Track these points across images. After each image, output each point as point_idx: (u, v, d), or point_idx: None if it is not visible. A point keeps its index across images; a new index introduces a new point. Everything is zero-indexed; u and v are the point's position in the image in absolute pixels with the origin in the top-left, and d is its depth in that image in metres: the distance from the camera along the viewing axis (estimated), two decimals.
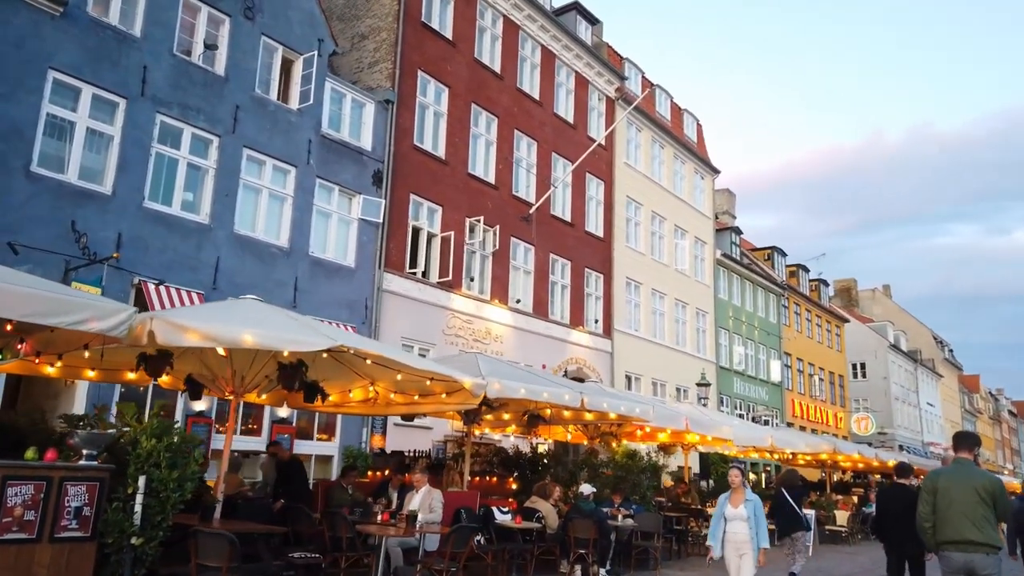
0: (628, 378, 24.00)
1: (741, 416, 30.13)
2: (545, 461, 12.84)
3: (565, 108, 23.01)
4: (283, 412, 13.43)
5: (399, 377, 8.78)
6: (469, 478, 10.70)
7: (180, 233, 12.53)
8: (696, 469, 25.93)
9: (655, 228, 26.91)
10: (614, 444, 15.55)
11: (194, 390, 8.36)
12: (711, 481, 24.78)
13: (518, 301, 19.59)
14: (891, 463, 23.02)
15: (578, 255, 22.54)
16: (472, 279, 18.21)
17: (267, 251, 13.86)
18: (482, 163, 19.48)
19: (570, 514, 9.46)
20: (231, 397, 8.02)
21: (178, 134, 12.73)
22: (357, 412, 10.47)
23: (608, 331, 23.40)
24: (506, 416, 12.61)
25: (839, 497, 21.11)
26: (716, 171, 31.43)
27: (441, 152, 18.18)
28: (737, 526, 7.34)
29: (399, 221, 16.71)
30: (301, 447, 14.09)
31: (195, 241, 12.71)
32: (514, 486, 12.47)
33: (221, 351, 7.45)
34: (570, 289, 22.05)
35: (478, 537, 8.87)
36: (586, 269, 22.88)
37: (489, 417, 12.65)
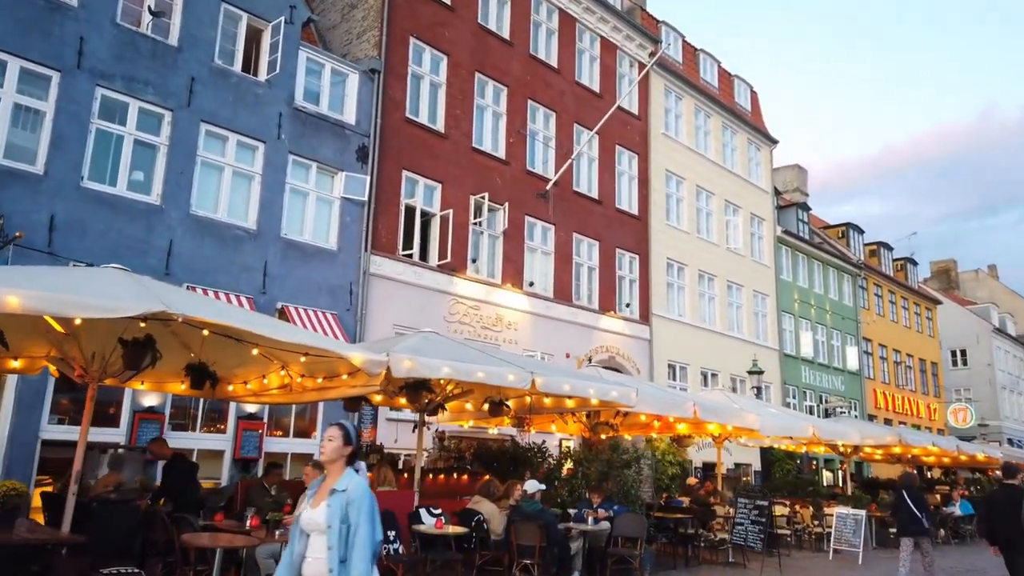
0: (671, 367, 21.96)
1: (812, 408, 27.42)
2: (530, 455, 11.22)
3: (589, 76, 21.24)
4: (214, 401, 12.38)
5: (303, 359, 7.50)
6: (420, 476, 9.24)
7: (127, 215, 11.65)
8: (757, 466, 23.64)
9: (701, 204, 24.67)
10: (627, 436, 13.80)
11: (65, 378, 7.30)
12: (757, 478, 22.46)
13: (531, 284, 17.97)
14: (981, 456, 20.12)
15: (608, 235, 20.71)
16: (474, 260, 16.72)
17: (230, 233, 12.86)
18: (490, 137, 18.00)
19: (511, 517, 7.86)
20: (86, 381, 6.87)
21: (123, 109, 11.87)
22: (278, 401, 9.23)
23: (645, 316, 21.44)
24: (468, 405, 11.16)
25: None
26: (774, 141, 28.76)
27: (440, 125, 16.82)
28: (313, 545, 3.66)
29: (390, 200, 15.45)
30: (274, 445, 13.03)
31: (144, 223, 11.81)
32: None
33: (57, 325, 6.35)
34: (598, 271, 20.25)
35: (393, 545, 7.42)
36: (618, 250, 21.01)
37: (453, 405, 11.27)
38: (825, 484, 25.34)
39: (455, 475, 10.50)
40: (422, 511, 7.90)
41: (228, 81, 13.21)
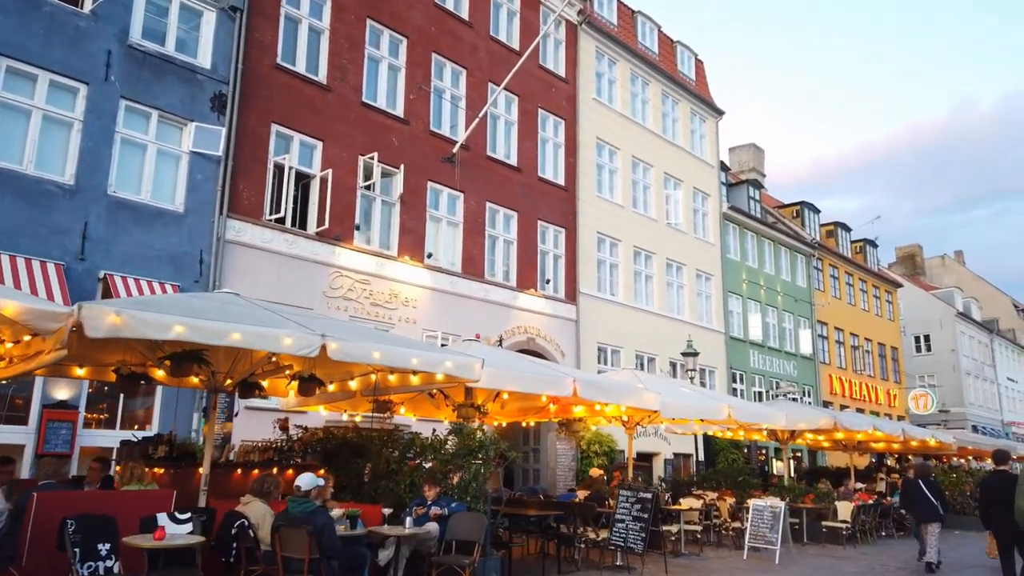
0: (602, 351, 20.23)
1: (761, 394, 25.88)
2: (374, 444, 9.33)
3: (507, 32, 19.41)
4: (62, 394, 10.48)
5: None
6: (208, 471, 7.36)
7: None
8: (701, 456, 22.01)
9: (637, 176, 22.96)
10: (529, 422, 12.04)
11: None
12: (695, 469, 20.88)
13: (430, 256, 16.11)
14: (932, 441, 18.63)
15: (529, 205, 18.92)
16: (357, 227, 14.82)
17: (38, 188, 10.85)
18: (385, 92, 16.11)
19: (275, 522, 6.02)
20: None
21: None
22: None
23: (572, 295, 19.69)
24: (331, 387, 9.33)
25: (861, 486, 16.84)
26: (720, 112, 27.12)
27: (322, 76, 14.91)
28: None
29: (255, 157, 13.52)
30: (98, 438, 11.07)
31: None
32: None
33: None
34: (517, 245, 18.46)
35: (106, 563, 5.56)
36: (540, 222, 19.22)
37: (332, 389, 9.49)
38: (775, 474, 23.82)
39: (275, 469, 8.64)
40: (162, 516, 6.04)
41: (38, 10, 11.19)
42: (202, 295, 8.55)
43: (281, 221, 13.76)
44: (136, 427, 11.72)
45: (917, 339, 45.90)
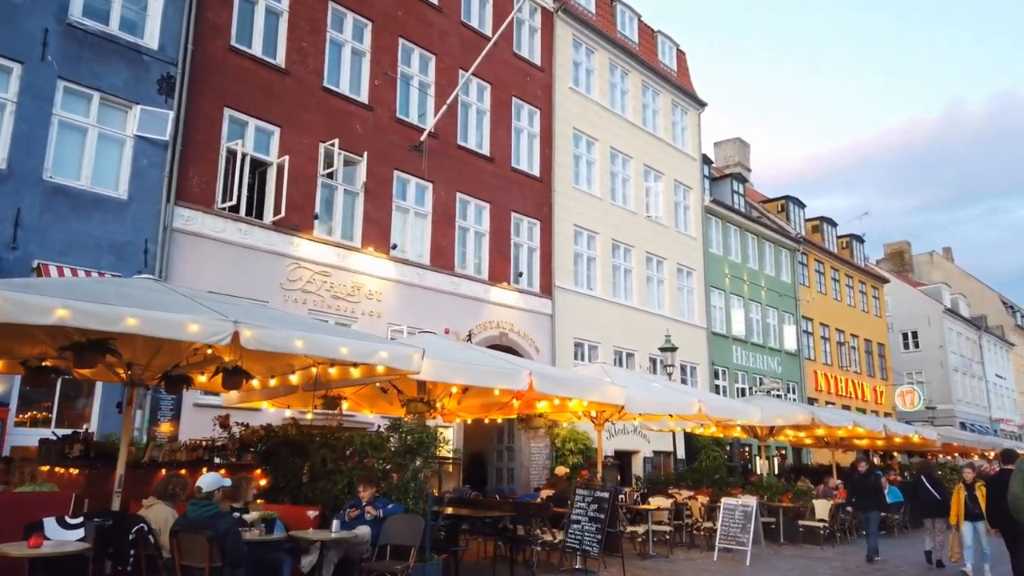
0: (578, 346, 19.70)
1: (744, 391, 25.40)
2: (313, 442, 8.69)
3: (479, 18, 18.85)
4: None
5: None
6: (122, 471, 6.77)
7: None
8: (681, 454, 21.51)
9: (616, 168, 22.43)
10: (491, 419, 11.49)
11: None
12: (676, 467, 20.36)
13: (394, 247, 15.53)
14: (916, 438, 18.19)
15: (502, 197, 18.36)
16: (316, 217, 14.23)
17: None
18: (348, 77, 15.52)
19: (173, 527, 5.44)
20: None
21: None
22: None
23: (548, 289, 19.14)
24: (255, 381, 8.74)
25: (839, 482, 16.35)
26: (702, 104, 26.62)
27: (280, 60, 14.31)
28: None
29: (206, 143, 12.92)
30: (23, 437, 10.44)
31: None
32: (263, 481, 8.50)
33: None
34: (489, 237, 17.89)
35: None
36: (514, 214, 18.67)
37: (255, 383, 8.95)
38: (759, 473, 23.34)
39: (205, 470, 8.02)
40: (49, 521, 5.45)
41: None
42: (115, 280, 7.97)
43: (235, 210, 13.16)
44: (70, 425, 11.09)
45: (905, 336, 45.58)
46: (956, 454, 24.12)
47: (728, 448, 23.76)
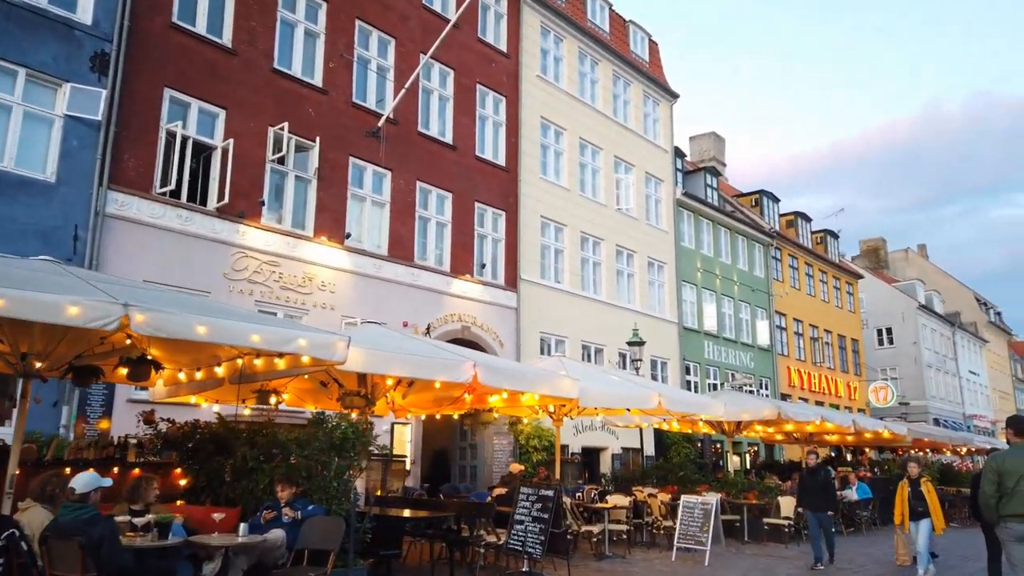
0: (544, 341, 19.19)
1: (716, 386, 25.05)
2: (236, 439, 8.09)
3: (442, 1, 18.25)
4: None
5: None
6: (13, 471, 6.16)
7: None
8: (650, 451, 21.14)
9: (586, 159, 21.96)
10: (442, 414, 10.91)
11: None
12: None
13: (348, 236, 14.94)
14: (886, 433, 17.90)
15: (465, 186, 17.80)
16: (262, 203, 13.59)
17: None
18: (300, 59, 14.89)
19: (44, 533, 4.86)
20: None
21: None
22: None
23: (513, 282, 18.61)
24: (198, 374, 8.18)
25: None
26: (674, 96, 26.23)
27: (226, 39, 13.65)
28: None
29: (144, 124, 12.25)
30: None
31: None
32: (183, 481, 7.91)
33: None
34: (451, 228, 17.33)
35: None
36: (478, 204, 18.12)
37: (182, 376, 8.43)
38: (723, 469, 23.02)
39: (116, 469, 7.43)
40: None
41: None
42: (5, 260, 7.33)
43: (176, 195, 12.50)
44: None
45: (880, 332, 45.62)
46: (928, 450, 23.94)
47: (699, 444, 23.41)
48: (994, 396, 57.36)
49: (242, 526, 5.96)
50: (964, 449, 25.98)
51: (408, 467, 15.36)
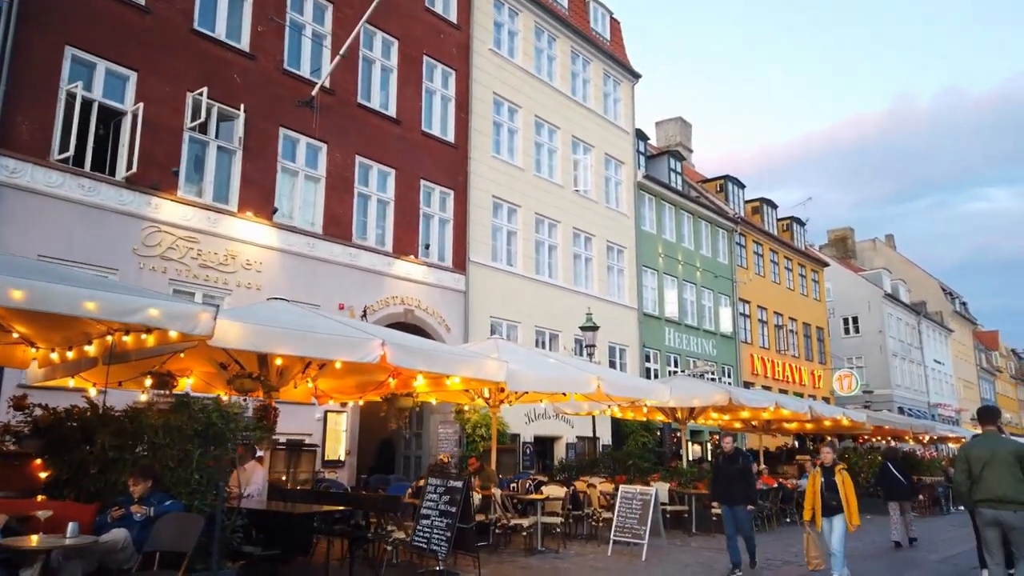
0: (495, 326, 18.37)
1: (673, 373, 24.44)
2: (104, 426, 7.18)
3: None
4: None
5: None
6: None
7: None
8: (608, 439, 20.49)
9: (542, 139, 21.14)
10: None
11: None
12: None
13: (275, 211, 13.99)
14: (845, 420, 17.38)
15: (410, 162, 16.90)
16: (175, 172, 12.58)
17: None
18: (224, 21, 13.87)
19: None
20: None
21: None
22: None
23: (461, 264, 17.77)
24: (69, 353, 7.28)
25: (764, 468, 15.39)
26: (636, 76, 25.49)
27: None
28: None
29: (41, 84, 11.19)
30: None
31: None
32: (43, 473, 6.99)
33: None
34: (394, 206, 16.44)
35: None
36: (424, 182, 17.23)
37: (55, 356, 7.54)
38: (691, 459, 22.45)
39: None
40: None
41: None
42: None
43: (79, 163, 11.47)
44: None
45: (846, 321, 45.54)
46: (889, 437, 23.57)
47: (659, 433, 22.80)
48: (959, 385, 57.75)
49: (71, 526, 5.07)
50: (927, 437, 25.71)
51: (343, 457, 14.50)
